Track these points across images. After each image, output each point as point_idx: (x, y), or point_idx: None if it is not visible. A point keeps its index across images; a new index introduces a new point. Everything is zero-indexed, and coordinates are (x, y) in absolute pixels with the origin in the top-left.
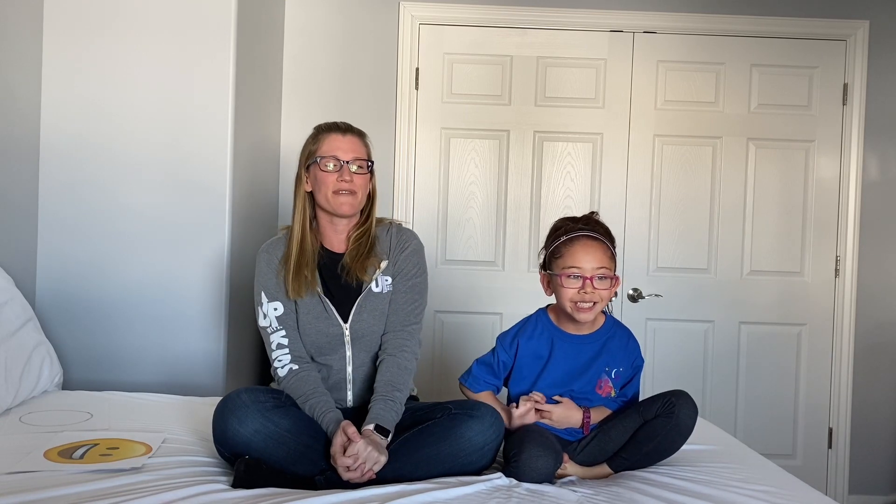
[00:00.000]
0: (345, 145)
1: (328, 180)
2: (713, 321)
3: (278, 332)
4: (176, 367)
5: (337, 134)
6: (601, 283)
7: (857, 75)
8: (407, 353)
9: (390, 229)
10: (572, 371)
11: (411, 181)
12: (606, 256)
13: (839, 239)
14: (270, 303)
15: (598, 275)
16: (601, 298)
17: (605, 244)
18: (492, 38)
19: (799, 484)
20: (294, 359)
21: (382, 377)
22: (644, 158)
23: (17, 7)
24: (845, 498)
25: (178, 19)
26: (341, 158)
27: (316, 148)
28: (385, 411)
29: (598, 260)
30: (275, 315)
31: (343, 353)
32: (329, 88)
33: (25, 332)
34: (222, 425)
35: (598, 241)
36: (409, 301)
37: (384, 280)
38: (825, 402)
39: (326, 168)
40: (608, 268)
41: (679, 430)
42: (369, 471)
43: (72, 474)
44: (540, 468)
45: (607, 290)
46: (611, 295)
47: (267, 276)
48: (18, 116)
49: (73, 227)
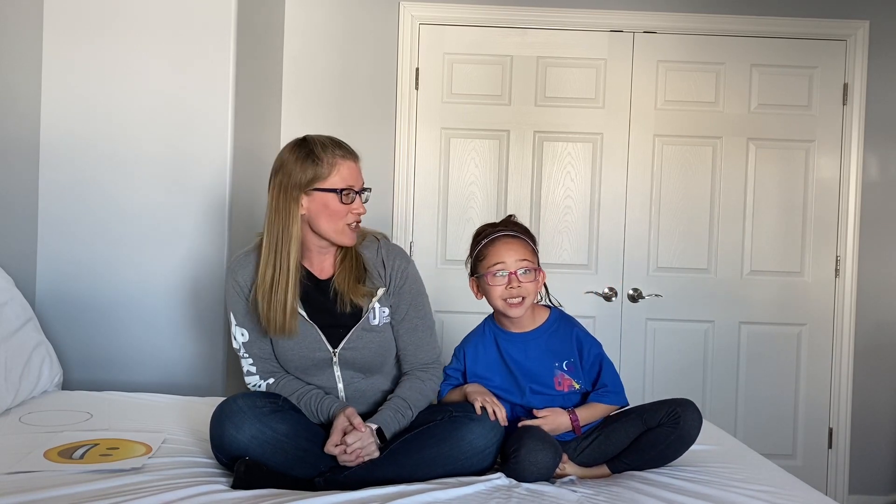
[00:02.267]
0: (357, 172)
1: (342, 212)
2: (713, 321)
3: (246, 359)
4: (176, 368)
5: (351, 161)
6: (526, 277)
7: (857, 75)
8: (434, 383)
9: (378, 248)
10: (524, 369)
11: (411, 181)
12: (527, 251)
13: (839, 239)
14: (238, 327)
15: (521, 268)
16: (528, 292)
17: (525, 240)
18: (492, 38)
19: (799, 484)
20: (266, 378)
21: (402, 392)
22: (644, 158)
23: (17, 7)
24: (845, 498)
25: (178, 19)
26: (356, 188)
27: (325, 173)
28: (392, 421)
29: (519, 254)
30: (242, 341)
31: (331, 373)
32: (329, 88)
33: (25, 332)
34: (219, 432)
35: (517, 237)
36: (426, 333)
37: (381, 312)
38: (825, 402)
39: (347, 200)
40: (530, 261)
41: (683, 441)
42: (360, 455)
43: (72, 474)
44: (540, 462)
45: (533, 283)
46: (537, 288)
47: (234, 299)
48: (18, 116)
49: (73, 227)
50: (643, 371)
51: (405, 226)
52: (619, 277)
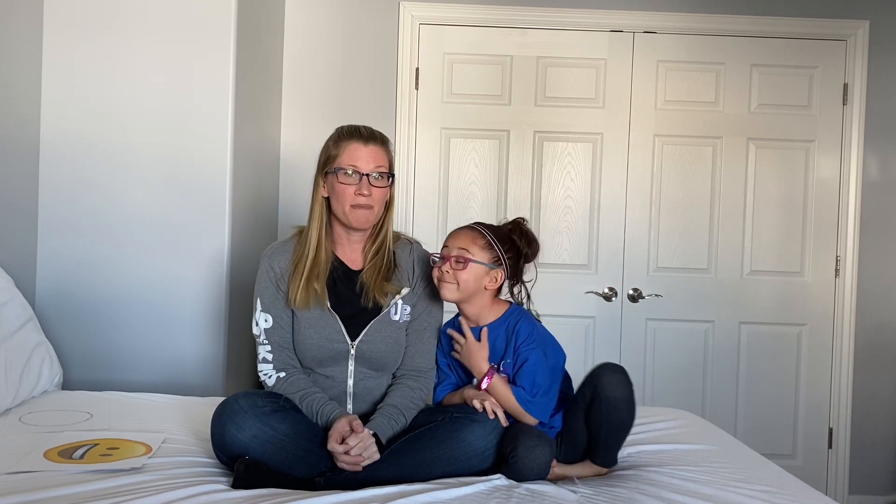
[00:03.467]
0: (366, 154)
1: (346, 192)
2: (713, 321)
3: (264, 345)
4: (176, 368)
5: (358, 143)
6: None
7: (857, 75)
8: (424, 392)
9: (412, 250)
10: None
11: (411, 181)
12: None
13: (839, 239)
14: (263, 313)
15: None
16: (456, 280)
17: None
18: (492, 38)
19: (799, 484)
20: (280, 370)
21: (392, 400)
22: (644, 158)
23: (17, 7)
24: (845, 498)
25: (179, 19)
26: (361, 170)
27: (336, 154)
28: (386, 427)
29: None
30: (264, 327)
31: (345, 366)
32: (329, 88)
33: (25, 332)
34: (220, 431)
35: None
36: (431, 339)
37: (403, 309)
38: (825, 402)
39: (345, 180)
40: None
41: (615, 406)
42: (360, 461)
43: (72, 474)
44: (538, 458)
45: (464, 272)
46: (469, 278)
47: (265, 284)
48: (18, 116)
49: (73, 227)
50: (643, 371)
51: (405, 226)
52: (619, 277)
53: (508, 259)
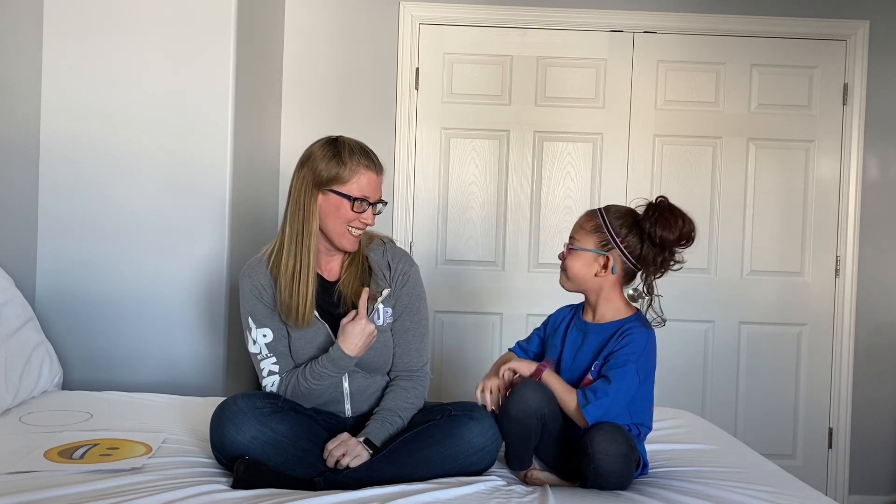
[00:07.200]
0: (377, 185)
1: (348, 217)
2: (713, 321)
3: (268, 359)
4: (176, 368)
5: (373, 173)
6: None
7: (857, 75)
8: (419, 390)
9: (384, 251)
10: (566, 359)
11: (411, 181)
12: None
13: (839, 239)
14: (259, 329)
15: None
16: (565, 268)
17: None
18: (492, 38)
19: (799, 484)
20: (285, 374)
21: (387, 404)
22: (644, 158)
23: (17, 7)
24: (845, 498)
25: (178, 20)
26: (371, 200)
27: (344, 176)
28: (380, 430)
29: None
30: (264, 342)
31: None
32: (329, 88)
33: (25, 332)
34: (219, 433)
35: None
36: (417, 338)
37: (385, 312)
38: (825, 402)
39: (359, 208)
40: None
41: (606, 480)
42: (347, 457)
43: (72, 474)
44: (526, 398)
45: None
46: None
47: (252, 302)
48: (18, 117)
49: (73, 227)
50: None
51: (405, 226)
52: None
53: (625, 244)
